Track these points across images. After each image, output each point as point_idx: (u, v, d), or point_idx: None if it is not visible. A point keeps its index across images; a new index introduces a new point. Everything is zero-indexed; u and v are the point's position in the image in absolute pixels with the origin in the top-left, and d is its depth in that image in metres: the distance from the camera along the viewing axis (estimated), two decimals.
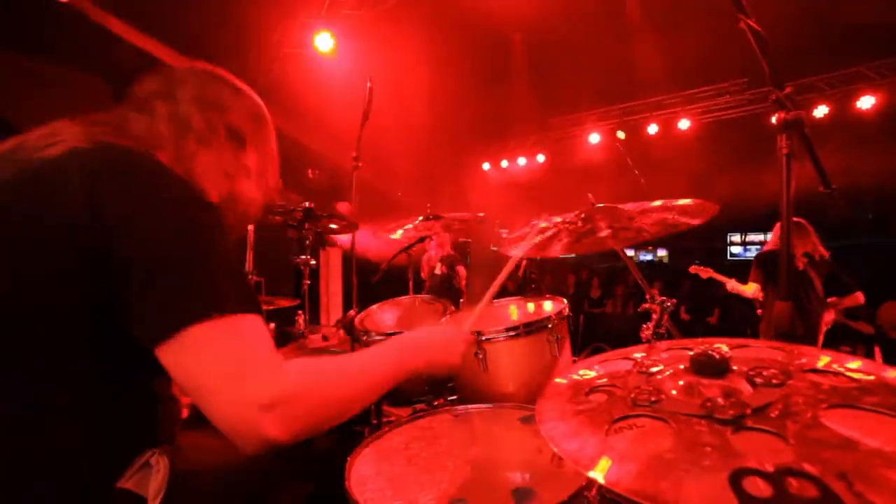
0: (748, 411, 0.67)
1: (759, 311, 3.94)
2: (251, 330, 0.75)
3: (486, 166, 9.65)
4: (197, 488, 0.89)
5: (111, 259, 0.72)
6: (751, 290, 3.67)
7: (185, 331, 0.70)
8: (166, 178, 0.81)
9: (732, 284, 3.92)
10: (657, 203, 1.46)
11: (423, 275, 4.61)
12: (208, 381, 0.71)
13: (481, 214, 3.01)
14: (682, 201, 1.42)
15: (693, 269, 4.40)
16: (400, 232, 2.79)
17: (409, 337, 1.04)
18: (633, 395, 0.78)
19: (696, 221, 1.35)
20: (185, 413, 1.32)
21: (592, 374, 0.92)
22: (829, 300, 3.68)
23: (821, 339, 3.59)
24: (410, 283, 2.95)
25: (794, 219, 1.11)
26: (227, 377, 0.71)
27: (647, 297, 1.51)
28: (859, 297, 3.77)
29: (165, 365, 0.72)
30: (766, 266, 3.61)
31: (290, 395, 0.73)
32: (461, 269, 4.52)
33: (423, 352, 1.01)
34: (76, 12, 3.93)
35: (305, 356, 0.90)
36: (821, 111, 6.84)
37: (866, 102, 6.57)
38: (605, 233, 1.44)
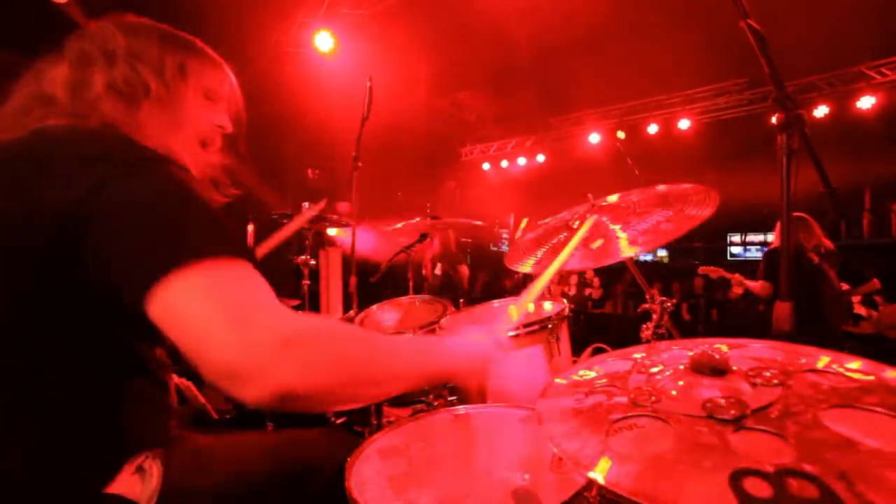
0: (748, 411, 0.67)
1: (760, 308, 3.97)
2: (252, 273, 0.68)
3: (486, 166, 9.66)
4: (192, 493, 0.87)
5: (86, 236, 0.67)
6: (759, 286, 3.68)
7: (177, 271, 0.61)
8: (127, 150, 0.76)
9: (739, 279, 3.93)
10: (661, 187, 1.44)
11: (424, 272, 4.61)
12: (209, 326, 0.60)
13: (479, 222, 3.01)
14: (684, 185, 1.39)
15: (702, 269, 4.46)
16: (400, 224, 2.79)
17: (452, 342, 0.96)
18: (632, 396, 0.78)
19: (706, 212, 1.30)
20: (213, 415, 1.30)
21: (592, 374, 0.92)
22: (843, 288, 3.71)
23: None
24: (410, 283, 2.95)
25: (796, 213, 1.11)
26: (231, 319, 0.61)
27: (647, 297, 1.51)
28: (875, 283, 3.84)
29: (157, 320, 0.63)
30: (774, 263, 3.62)
31: (306, 335, 0.64)
32: (463, 269, 4.52)
33: (459, 363, 0.92)
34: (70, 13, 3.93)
35: None
36: (821, 111, 6.85)
37: (866, 102, 6.58)
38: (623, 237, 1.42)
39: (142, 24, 0.94)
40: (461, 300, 3.70)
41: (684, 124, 7.69)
